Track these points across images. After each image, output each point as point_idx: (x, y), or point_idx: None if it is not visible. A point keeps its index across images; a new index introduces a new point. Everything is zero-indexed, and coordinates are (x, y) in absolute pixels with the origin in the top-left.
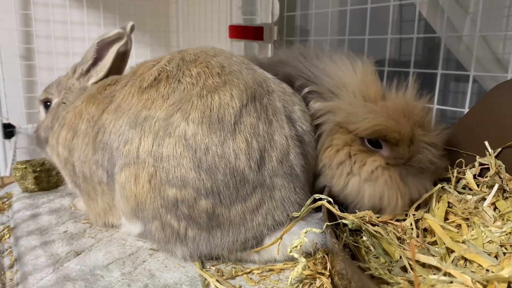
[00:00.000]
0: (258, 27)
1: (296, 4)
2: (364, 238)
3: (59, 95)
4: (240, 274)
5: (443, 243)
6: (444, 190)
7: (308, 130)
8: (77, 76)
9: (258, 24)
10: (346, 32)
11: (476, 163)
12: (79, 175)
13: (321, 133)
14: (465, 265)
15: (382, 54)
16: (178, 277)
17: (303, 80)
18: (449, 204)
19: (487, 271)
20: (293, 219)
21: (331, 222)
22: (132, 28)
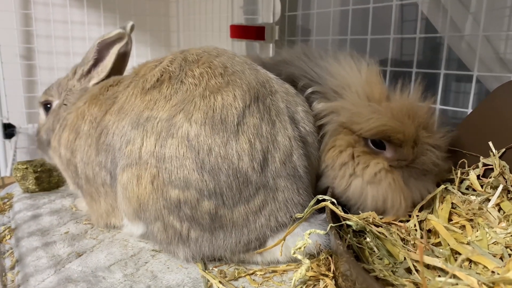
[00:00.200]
0: (260, 27)
1: (298, 4)
2: (368, 239)
3: (60, 97)
4: (243, 276)
5: (447, 244)
6: (448, 191)
7: (311, 131)
8: (78, 77)
9: (260, 24)
10: (348, 32)
11: (480, 164)
12: (82, 177)
13: (324, 134)
14: (470, 267)
15: (383, 54)
16: (181, 279)
17: (307, 80)
18: (453, 205)
19: (493, 273)
20: (296, 221)
21: (335, 223)
22: (132, 28)
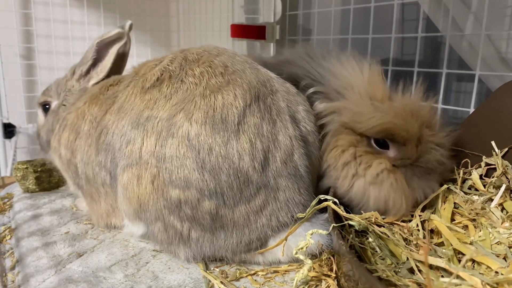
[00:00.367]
0: (260, 26)
1: (299, 3)
2: (370, 240)
3: (59, 97)
4: (245, 276)
5: (450, 245)
6: (450, 191)
7: (312, 131)
8: (77, 78)
9: (260, 23)
10: (349, 31)
11: (482, 163)
12: (82, 177)
13: (326, 134)
14: (473, 267)
15: (385, 53)
16: (182, 279)
17: (309, 80)
18: (455, 205)
19: (496, 273)
20: (298, 220)
21: (337, 223)
22: (131, 27)
